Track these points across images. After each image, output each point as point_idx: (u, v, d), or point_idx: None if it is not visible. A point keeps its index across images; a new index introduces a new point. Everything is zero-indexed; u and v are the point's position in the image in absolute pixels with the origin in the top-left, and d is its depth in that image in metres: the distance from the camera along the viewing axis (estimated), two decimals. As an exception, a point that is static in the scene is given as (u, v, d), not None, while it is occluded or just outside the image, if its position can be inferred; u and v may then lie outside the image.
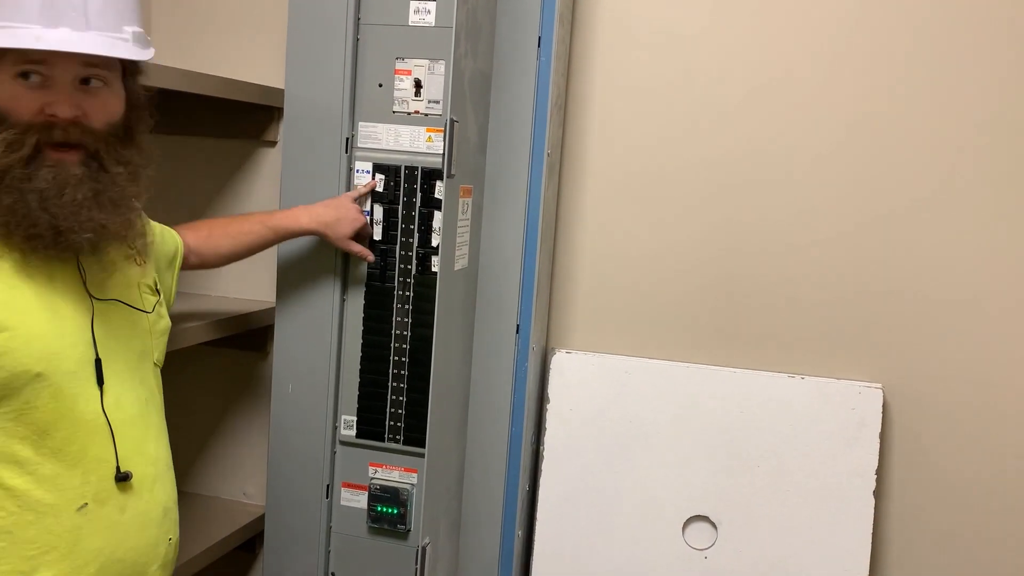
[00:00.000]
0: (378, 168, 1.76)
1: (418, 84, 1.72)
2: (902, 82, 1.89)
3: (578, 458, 2.02)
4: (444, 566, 1.91)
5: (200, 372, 2.19)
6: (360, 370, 1.81)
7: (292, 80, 1.78)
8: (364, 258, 1.75)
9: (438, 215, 1.72)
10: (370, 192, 1.76)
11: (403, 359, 1.78)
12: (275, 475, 1.88)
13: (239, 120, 2.05)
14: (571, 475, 2.02)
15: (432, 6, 1.68)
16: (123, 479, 1.28)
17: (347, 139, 1.76)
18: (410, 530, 1.81)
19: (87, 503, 1.25)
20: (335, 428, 1.84)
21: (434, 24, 1.69)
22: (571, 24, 2.02)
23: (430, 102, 1.72)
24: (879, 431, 1.90)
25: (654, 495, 1.99)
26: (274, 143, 2.08)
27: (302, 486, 1.86)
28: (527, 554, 2.06)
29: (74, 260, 1.28)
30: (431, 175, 1.73)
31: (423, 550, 1.78)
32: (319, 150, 1.77)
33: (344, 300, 1.81)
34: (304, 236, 1.75)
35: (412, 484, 1.81)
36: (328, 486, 1.85)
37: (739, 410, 1.95)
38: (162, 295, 1.46)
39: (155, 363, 1.41)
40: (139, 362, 1.36)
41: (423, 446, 1.76)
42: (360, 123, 1.76)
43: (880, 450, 1.90)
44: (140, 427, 1.33)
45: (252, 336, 2.08)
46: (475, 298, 1.92)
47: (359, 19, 1.73)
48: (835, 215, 1.95)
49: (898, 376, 1.95)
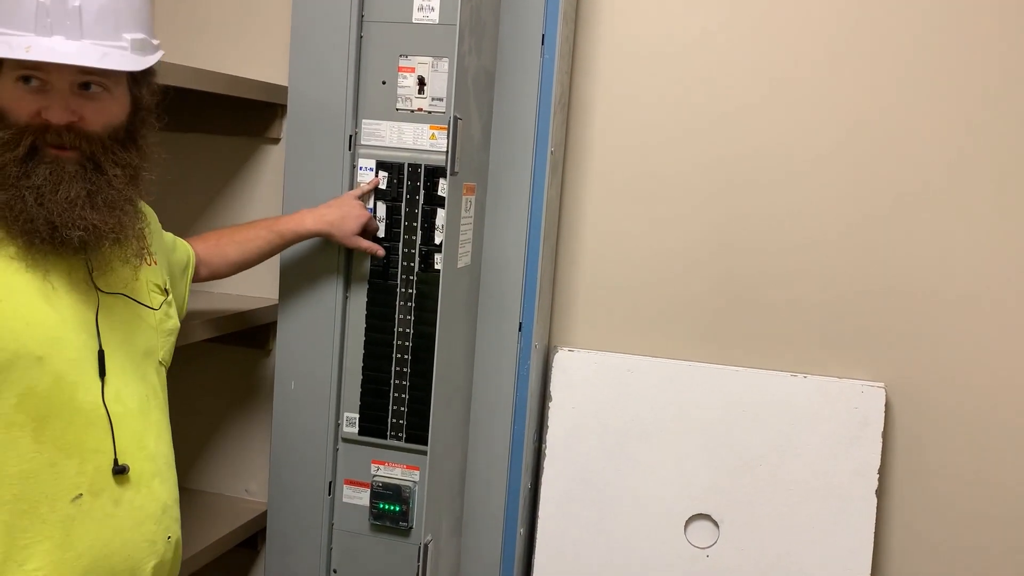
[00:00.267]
0: (381, 165, 1.76)
1: (422, 81, 1.72)
2: (902, 82, 1.89)
3: (580, 456, 2.02)
4: (446, 564, 1.92)
5: (202, 369, 2.19)
6: (362, 367, 1.81)
7: (296, 77, 1.78)
8: (373, 253, 1.76)
9: (441, 213, 1.73)
10: (373, 190, 1.76)
11: (405, 356, 1.78)
12: (277, 472, 1.89)
13: (243, 117, 2.05)
14: (573, 473, 2.02)
15: (436, 3, 1.69)
16: (120, 472, 1.28)
17: (350, 136, 1.76)
18: (412, 527, 1.82)
19: (82, 494, 1.25)
20: (337, 425, 1.84)
21: (438, 21, 1.69)
22: (575, 22, 2.02)
23: (433, 99, 1.72)
24: (881, 430, 1.90)
25: (656, 493, 1.99)
26: (277, 140, 2.08)
27: (304, 483, 1.86)
28: (529, 552, 2.06)
29: (82, 253, 1.28)
30: (434, 173, 1.73)
31: (425, 547, 1.78)
32: (322, 147, 1.77)
33: (347, 297, 1.81)
34: (312, 238, 1.76)
35: (414, 481, 1.81)
36: (330, 483, 1.85)
37: (741, 409, 1.95)
38: (172, 296, 1.47)
39: (160, 362, 1.42)
40: (143, 358, 1.36)
41: (425, 443, 1.76)
42: (363, 120, 1.76)
43: (882, 449, 1.90)
44: (140, 422, 1.33)
45: (255, 333, 2.08)
46: (478, 296, 1.92)
47: (363, 16, 1.73)
48: (837, 214, 1.95)
49: (900, 375, 1.94)
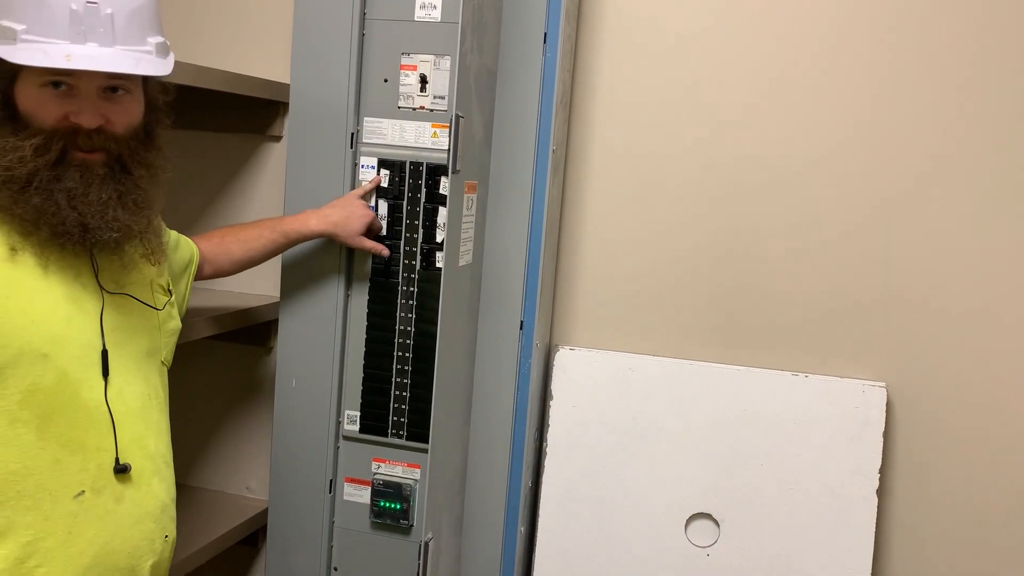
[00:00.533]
0: (383, 164, 1.76)
1: (423, 80, 1.72)
2: (903, 85, 1.89)
3: (581, 455, 2.02)
4: (446, 562, 1.92)
5: (204, 367, 2.19)
6: (364, 365, 1.81)
7: (297, 75, 1.78)
8: (379, 253, 1.75)
9: (443, 211, 1.72)
10: (375, 188, 1.76)
11: (407, 355, 1.78)
12: (278, 470, 1.89)
13: (244, 115, 2.05)
14: (574, 472, 2.02)
15: (438, 1, 1.68)
16: (121, 470, 1.29)
17: (352, 134, 1.76)
18: (413, 525, 1.81)
19: (84, 491, 1.26)
20: (338, 423, 1.84)
21: (440, 20, 1.69)
22: (577, 21, 2.01)
23: (435, 98, 1.72)
24: (883, 429, 1.90)
25: (657, 492, 1.99)
26: (279, 138, 2.08)
27: (305, 481, 1.86)
28: (529, 550, 2.06)
29: (87, 253, 1.29)
30: (436, 171, 1.73)
31: (426, 546, 1.78)
32: (324, 145, 1.77)
33: (348, 295, 1.81)
34: (316, 239, 1.76)
35: (415, 480, 1.81)
36: (331, 481, 1.85)
37: (742, 408, 1.95)
38: (175, 296, 1.47)
39: (162, 362, 1.42)
40: (146, 358, 1.37)
41: (426, 442, 1.76)
42: (365, 118, 1.76)
43: (883, 449, 1.90)
44: (142, 421, 1.34)
45: (256, 331, 2.08)
46: (479, 294, 1.92)
47: (365, 14, 1.73)
48: (839, 213, 1.95)
49: (902, 375, 1.94)
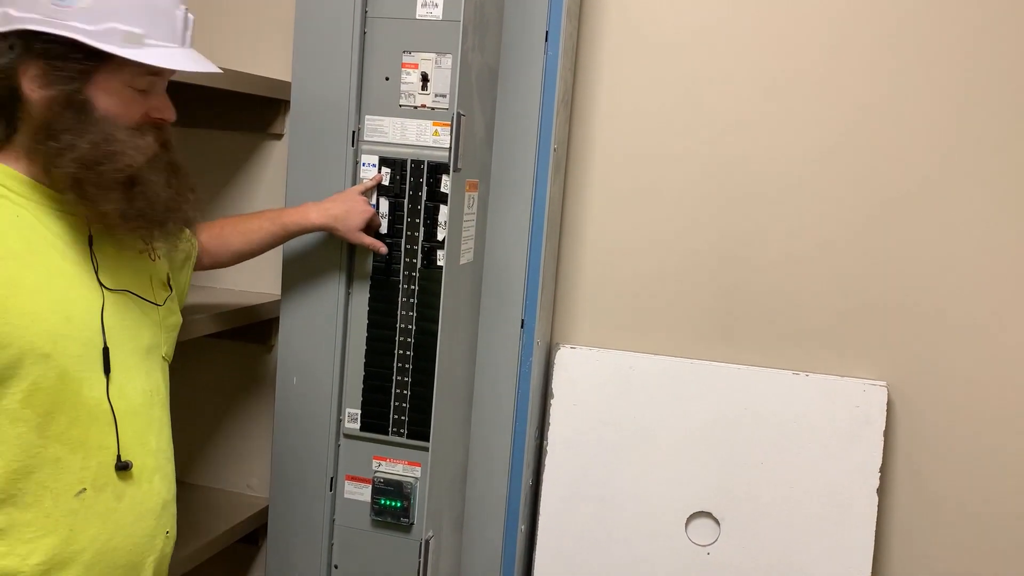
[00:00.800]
0: (384, 162, 1.76)
1: (425, 78, 1.71)
2: (905, 87, 1.89)
3: (581, 453, 2.02)
4: (447, 560, 1.92)
5: (205, 364, 2.19)
6: (365, 363, 1.81)
7: (299, 73, 1.78)
8: (376, 250, 1.76)
9: (444, 209, 1.72)
10: (376, 186, 1.76)
11: (408, 353, 1.78)
12: (279, 468, 1.89)
13: (246, 113, 2.06)
14: (574, 470, 2.02)
15: None
16: (123, 468, 1.29)
17: (353, 132, 1.76)
18: (413, 524, 1.82)
19: (85, 488, 1.26)
20: (339, 421, 1.84)
21: (441, 18, 1.69)
22: (579, 19, 2.01)
23: (437, 96, 1.72)
24: (883, 429, 1.90)
25: (657, 491, 1.99)
26: (280, 136, 2.08)
27: (306, 479, 1.86)
28: (530, 549, 2.06)
29: (87, 250, 1.29)
30: (437, 169, 1.73)
31: (426, 544, 1.78)
32: (325, 143, 1.77)
33: (349, 293, 1.81)
34: (315, 232, 1.76)
35: (416, 478, 1.81)
36: (332, 479, 1.85)
37: (743, 406, 1.95)
38: (175, 291, 1.47)
39: (163, 357, 1.42)
40: (147, 354, 1.37)
41: (427, 440, 1.76)
42: (366, 116, 1.76)
43: (884, 448, 1.90)
44: (143, 418, 1.34)
45: (257, 329, 2.08)
46: (480, 293, 1.92)
47: (366, 12, 1.73)
48: (840, 213, 1.94)
49: (903, 374, 1.94)
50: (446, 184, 1.72)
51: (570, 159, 2.08)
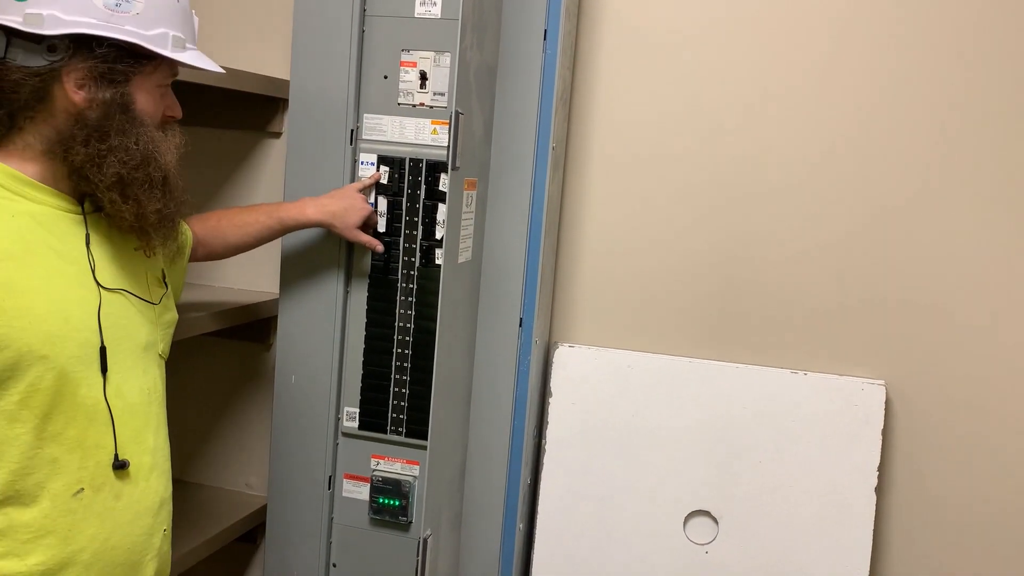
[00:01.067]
0: (383, 160, 1.76)
1: (423, 76, 1.72)
2: (903, 85, 1.89)
3: (580, 452, 2.02)
4: (445, 559, 1.92)
5: (203, 363, 2.19)
6: (363, 362, 1.81)
7: (297, 71, 1.78)
8: (373, 248, 1.76)
9: (442, 208, 1.73)
10: (374, 184, 1.76)
11: (406, 351, 1.78)
12: (277, 466, 1.89)
13: (244, 111, 2.05)
14: (573, 469, 2.02)
15: (438, -2, 1.69)
16: (120, 467, 1.29)
17: (352, 131, 1.76)
18: (412, 522, 1.82)
19: (83, 488, 1.26)
20: (338, 420, 1.84)
21: (440, 16, 1.69)
22: (577, 18, 2.01)
23: (435, 94, 1.72)
24: (881, 428, 1.90)
25: (656, 490, 1.99)
26: (279, 134, 2.08)
27: (304, 477, 1.86)
28: (528, 547, 2.06)
29: (84, 249, 1.29)
30: (436, 167, 1.73)
31: (424, 542, 1.78)
32: (324, 142, 1.77)
33: (347, 292, 1.81)
34: (311, 228, 1.76)
35: (414, 476, 1.81)
36: (330, 477, 1.86)
37: (741, 405, 1.95)
38: (170, 287, 1.47)
39: (160, 355, 1.42)
40: (144, 353, 1.37)
41: (425, 438, 1.76)
42: (365, 115, 1.76)
43: (882, 446, 1.90)
44: (141, 417, 1.34)
45: (255, 327, 2.08)
46: (478, 291, 1.92)
47: (365, 11, 1.73)
48: (839, 211, 1.94)
49: (901, 373, 1.94)
50: (444, 182, 1.72)
51: (569, 158, 2.08)
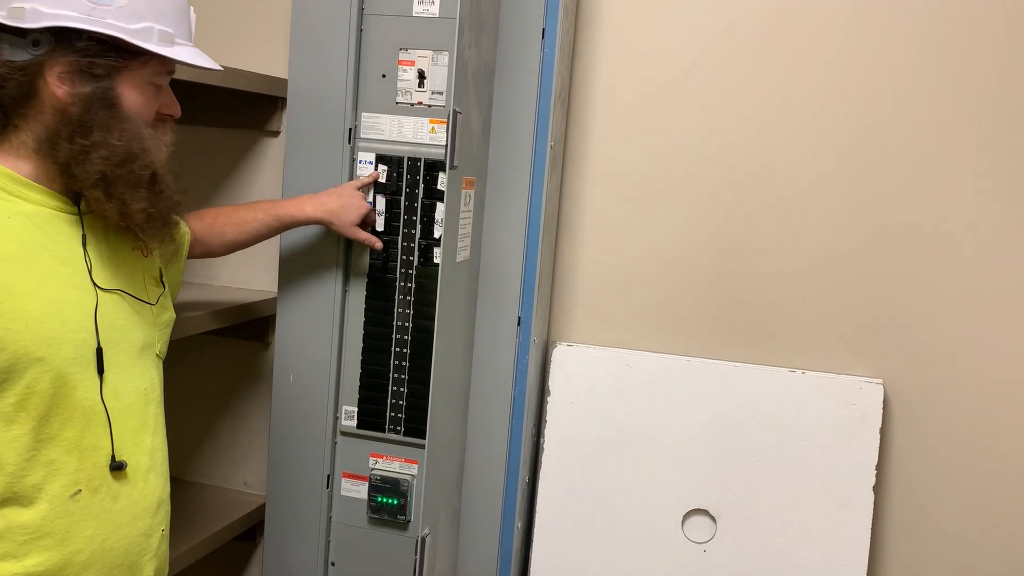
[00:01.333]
0: (381, 159, 1.76)
1: (421, 75, 1.72)
2: (902, 86, 1.89)
3: (578, 450, 2.02)
4: (444, 557, 1.92)
5: (201, 362, 2.19)
6: (361, 361, 1.81)
7: (295, 70, 1.78)
8: (372, 245, 1.76)
9: (440, 207, 1.72)
10: (373, 183, 1.76)
11: (404, 350, 1.78)
12: (276, 465, 1.89)
13: (242, 110, 2.05)
14: (571, 467, 2.02)
15: (436, -3, 1.69)
16: (117, 468, 1.29)
17: (350, 130, 1.76)
18: (410, 521, 1.82)
19: (80, 490, 1.25)
20: (336, 418, 1.84)
21: (438, 15, 1.69)
22: (575, 16, 2.01)
23: (433, 93, 1.72)
24: (879, 426, 1.90)
25: (654, 488, 1.99)
26: (277, 133, 2.08)
27: (303, 476, 1.86)
28: (526, 546, 2.07)
29: (81, 250, 1.28)
30: (434, 166, 1.73)
31: (423, 541, 1.78)
32: (322, 140, 1.77)
33: (346, 291, 1.81)
34: (309, 225, 1.75)
35: (412, 475, 1.81)
36: (328, 476, 1.86)
37: (739, 404, 1.95)
38: (167, 287, 1.46)
39: (157, 355, 1.42)
40: (141, 353, 1.36)
41: (424, 437, 1.76)
42: (363, 114, 1.76)
43: (880, 445, 1.90)
44: (138, 418, 1.34)
45: (254, 326, 2.08)
46: (477, 290, 1.92)
47: (363, 9, 1.73)
48: (836, 210, 1.94)
49: (899, 372, 1.95)
50: (442, 181, 1.72)
51: (567, 156, 2.08)
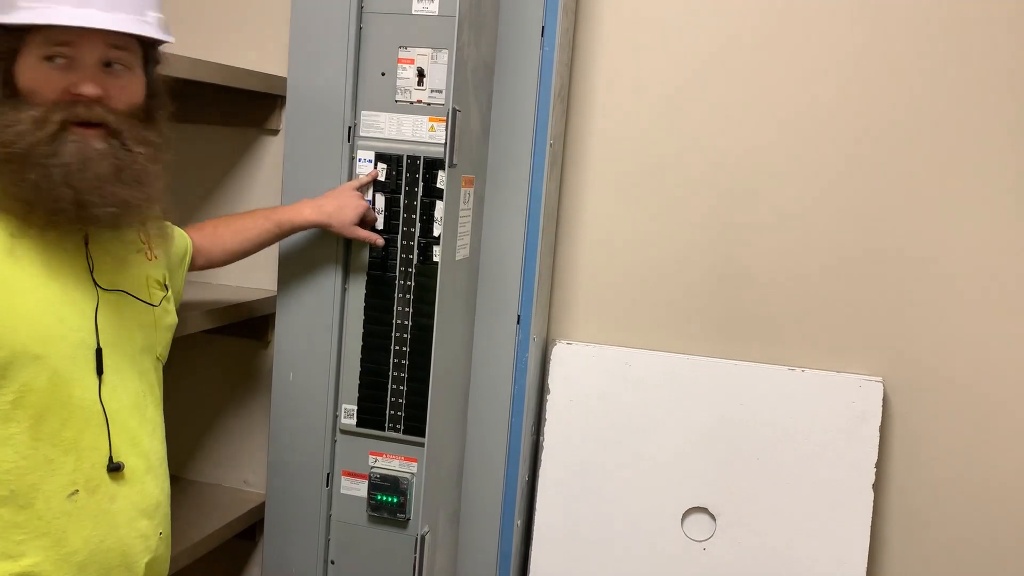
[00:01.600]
0: (380, 157, 1.76)
1: (421, 73, 1.71)
2: (905, 89, 1.89)
3: (578, 449, 2.02)
4: (443, 555, 1.92)
5: (201, 360, 2.19)
6: (361, 359, 1.81)
7: (295, 68, 1.78)
8: (373, 243, 1.75)
9: (440, 205, 1.72)
10: (372, 181, 1.76)
11: (404, 349, 1.78)
12: (276, 463, 1.89)
13: (242, 108, 2.05)
14: (570, 465, 2.02)
15: (435, -5, 1.68)
16: (115, 469, 1.28)
17: (349, 128, 1.76)
18: (410, 519, 1.82)
19: (77, 490, 1.25)
20: (335, 417, 1.84)
21: (437, 13, 1.69)
22: (575, 14, 2.01)
23: (433, 91, 1.71)
24: (879, 425, 1.90)
25: (653, 486, 1.99)
26: (276, 131, 2.08)
27: (302, 474, 1.86)
28: (526, 544, 2.07)
29: (83, 250, 1.28)
30: (433, 165, 1.73)
31: (422, 539, 1.78)
32: (321, 139, 1.77)
33: (345, 289, 1.81)
34: (310, 229, 1.75)
35: (412, 473, 1.81)
36: (328, 474, 1.86)
37: (739, 402, 1.95)
38: (171, 291, 1.46)
39: (157, 358, 1.41)
40: (141, 355, 1.36)
41: (423, 435, 1.76)
42: (362, 112, 1.76)
43: (880, 444, 1.90)
44: (136, 419, 1.33)
45: (253, 325, 2.08)
46: (476, 288, 1.92)
47: (362, 7, 1.73)
48: (836, 209, 1.94)
49: (898, 370, 1.94)
50: (442, 180, 1.72)
51: (566, 154, 2.08)
